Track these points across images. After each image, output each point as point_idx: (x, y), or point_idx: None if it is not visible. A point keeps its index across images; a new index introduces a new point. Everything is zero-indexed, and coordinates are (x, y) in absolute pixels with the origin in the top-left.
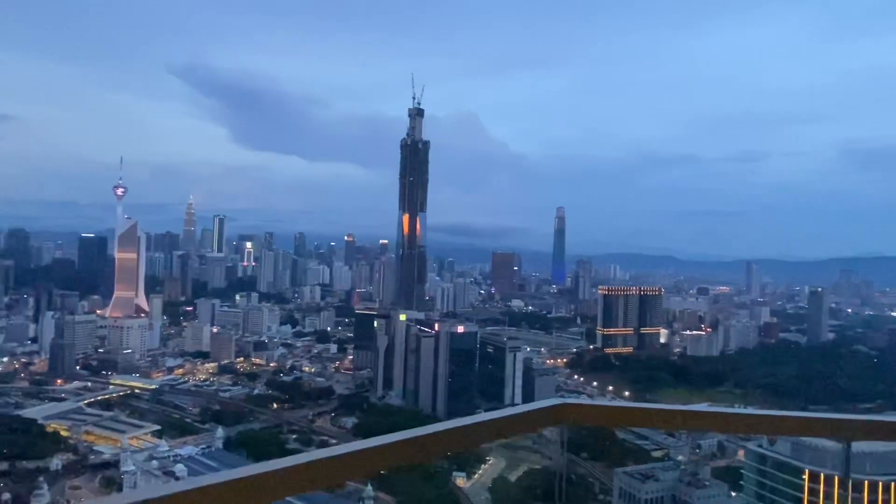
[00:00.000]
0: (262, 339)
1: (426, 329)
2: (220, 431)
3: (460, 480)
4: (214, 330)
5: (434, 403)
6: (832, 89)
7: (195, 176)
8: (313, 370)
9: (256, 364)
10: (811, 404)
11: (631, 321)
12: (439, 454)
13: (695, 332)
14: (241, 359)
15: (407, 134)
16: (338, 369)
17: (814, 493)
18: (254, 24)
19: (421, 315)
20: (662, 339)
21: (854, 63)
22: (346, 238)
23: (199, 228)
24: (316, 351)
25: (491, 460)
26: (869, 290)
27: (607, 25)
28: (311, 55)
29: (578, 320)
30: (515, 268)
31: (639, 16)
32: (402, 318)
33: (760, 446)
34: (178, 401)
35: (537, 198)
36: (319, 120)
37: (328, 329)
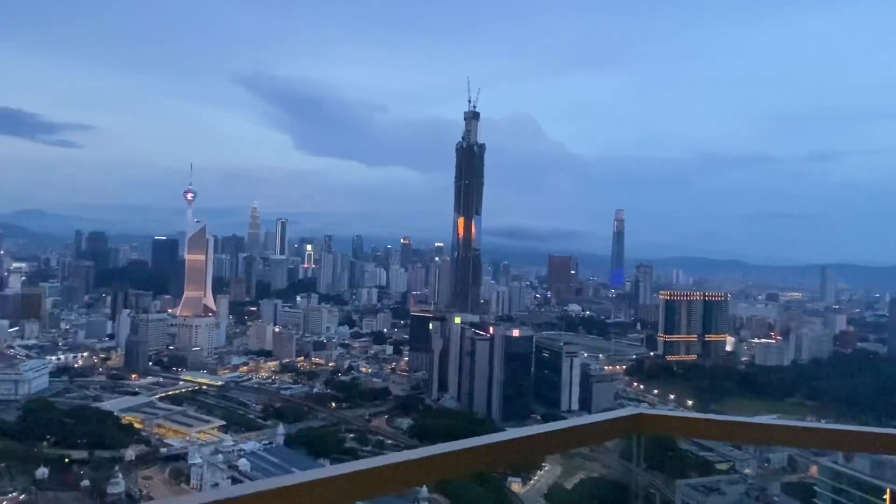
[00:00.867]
0: (321, 339)
1: (481, 332)
2: (281, 428)
3: (515, 486)
4: (277, 329)
5: (489, 407)
6: None
7: (260, 180)
8: (370, 371)
9: (316, 363)
10: (892, 419)
11: (694, 328)
12: (516, 462)
13: (763, 340)
14: (302, 358)
15: (462, 137)
16: (394, 370)
17: None
18: (315, 33)
19: (476, 318)
20: (728, 348)
21: None
22: (402, 241)
23: (262, 231)
24: (372, 352)
25: (547, 466)
26: None
27: (667, 22)
28: (370, 62)
29: (638, 326)
30: (572, 271)
31: (701, 11)
32: (457, 320)
33: (836, 463)
34: (243, 397)
35: (595, 200)
36: (377, 125)
37: (384, 330)
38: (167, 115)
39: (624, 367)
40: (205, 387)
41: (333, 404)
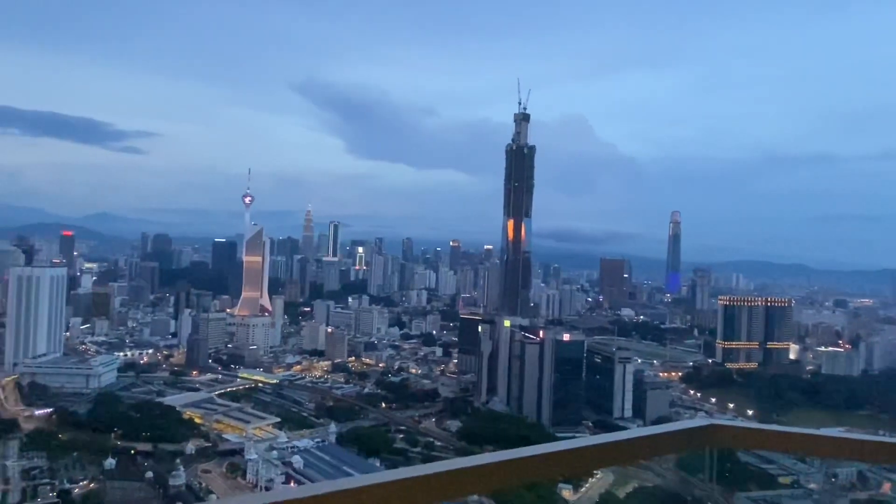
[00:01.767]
0: (371, 339)
1: (531, 336)
2: (333, 427)
3: (566, 492)
4: (329, 330)
5: (539, 411)
6: None
7: (313, 184)
8: (419, 372)
9: (367, 364)
10: None
11: (755, 335)
12: (583, 471)
13: (831, 348)
14: (353, 358)
15: (512, 139)
16: (443, 372)
17: None
18: (367, 39)
19: (525, 321)
20: (792, 356)
21: None
22: (451, 243)
23: (316, 234)
24: (422, 353)
25: (599, 474)
26: None
27: (726, 17)
28: (420, 65)
29: (695, 332)
30: (625, 275)
31: (760, 4)
32: (507, 324)
33: None
34: (297, 395)
35: (649, 202)
36: (427, 128)
37: (433, 332)
38: (227, 122)
39: (680, 374)
40: (261, 384)
41: (383, 404)
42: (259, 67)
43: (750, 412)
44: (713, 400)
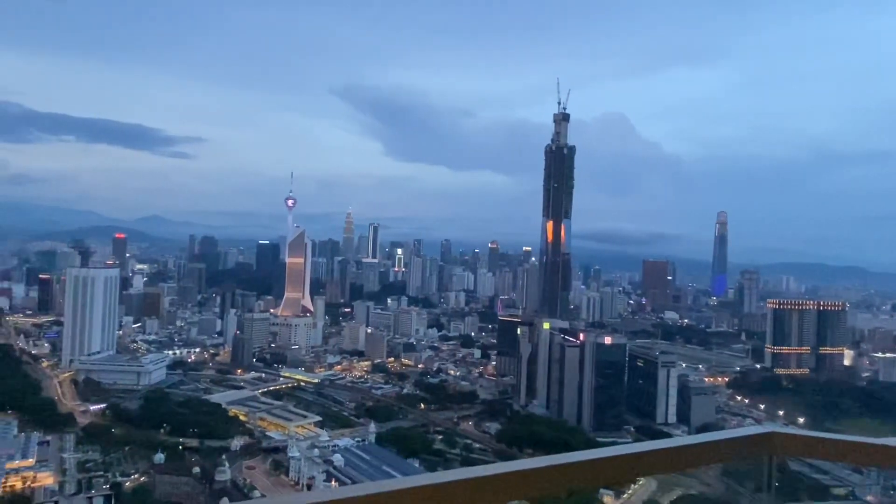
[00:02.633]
0: (410, 341)
1: (571, 338)
2: (373, 426)
3: (608, 498)
4: (369, 331)
5: (579, 415)
6: None
7: (353, 187)
8: (458, 374)
9: (405, 364)
10: None
11: (807, 339)
12: (636, 477)
13: (889, 354)
14: (392, 359)
15: (552, 140)
16: (481, 374)
17: None
18: (405, 42)
19: (565, 324)
20: (847, 362)
21: None
22: (489, 245)
23: (356, 236)
24: (460, 355)
25: (641, 480)
26: None
27: (775, 10)
28: (459, 67)
29: (743, 336)
30: (669, 277)
31: None
32: (546, 326)
33: None
34: (337, 395)
35: (694, 202)
36: (465, 130)
37: (472, 334)
38: (271, 127)
39: (726, 379)
40: (302, 383)
41: (422, 405)
42: (301, 73)
43: (801, 420)
44: (762, 407)
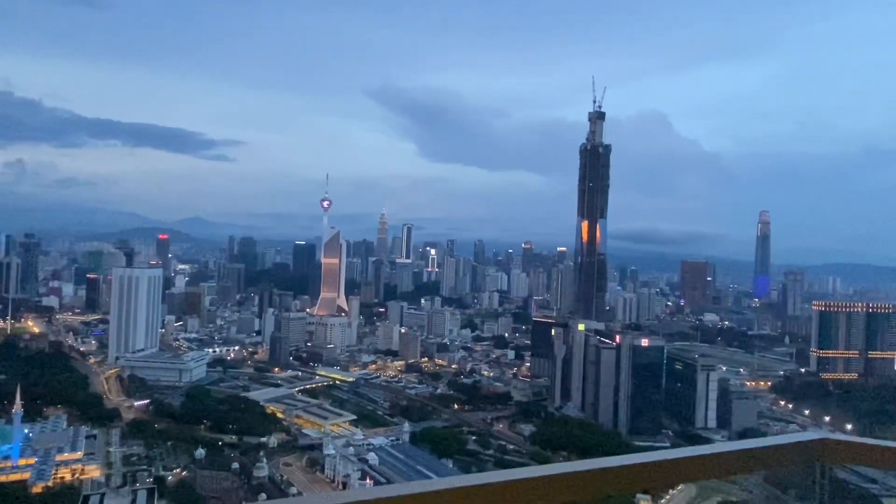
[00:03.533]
0: (444, 341)
1: (606, 340)
2: (406, 426)
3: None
4: (403, 331)
5: (615, 419)
6: None
7: (387, 188)
8: (491, 374)
9: (439, 365)
10: None
11: (855, 343)
12: (679, 482)
13: None
14: (426, 359)
15: (587, 138)
16: (515, 375)
17: None
18: (439, 43)
19: (601, 325)
20: None
21: None
22: (523, 245)
23: (390, 236)
24: (494, 356)
25: (680, 485)
26: None
27: (824, 2)
28: (493, 67)
29: (786, 339)
30: (709, 278)
31: None
32: (581, 327)
33: None
34: (372, 394)
35: (735, 201)
36: (499, 130)
37: (505, 335)
38: (307, 130)
39: (769, 383)
40: (338, 382)
41: (456, 406)
42: (337, 76)
43: (849, 427)
44: (806, 412)
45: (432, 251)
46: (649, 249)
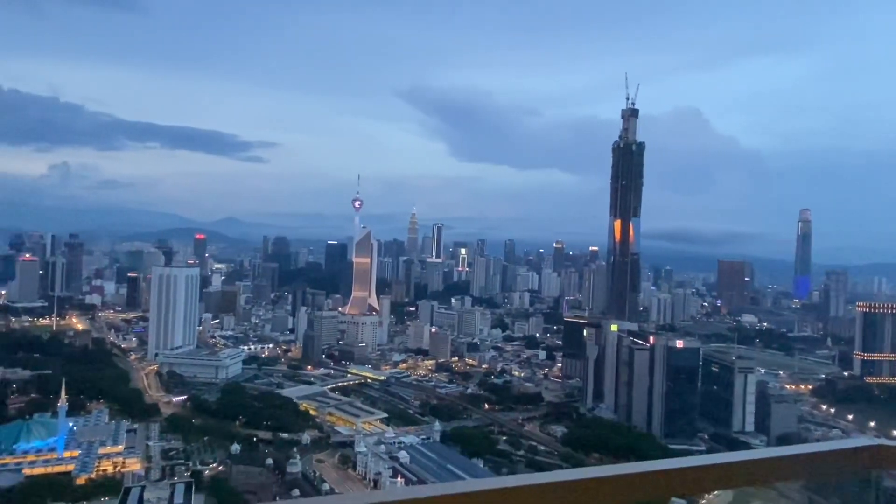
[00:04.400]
0: (474, 340)
1: (640, 341)
2: (437, 425)
3: None
4: (433, 330)
5: (649, 421)
6: None
7: (418, 187)
8: (522, 375)
9: (469, 364)
10: None
11: None
12: (719, 488)
13: None
14: (456, 358)
15: (619, 136)
16: (546, 376)
17: None
18: (469, 43)
19: (634, 326)
20: None
21: None
22: (554, 245)
23: (420, 236)
24: (525, 356)
25: (717, 490)
26: None
27: None
28: (524, 66)
29: (828, 342)
30: (747, 278)
31: None
32: (614, 328)
33: None
34: (402, 392)
35: (774, 199)
36: (530, 129)
37: (536, 335)
38: (339, 131)
39: (810, 386)
40: (369, 380)
41: (486, 405)
42: (367, 77)
43: (895, 433)
44: (850, 417)
45: (463, 251)
46: (685, 249)
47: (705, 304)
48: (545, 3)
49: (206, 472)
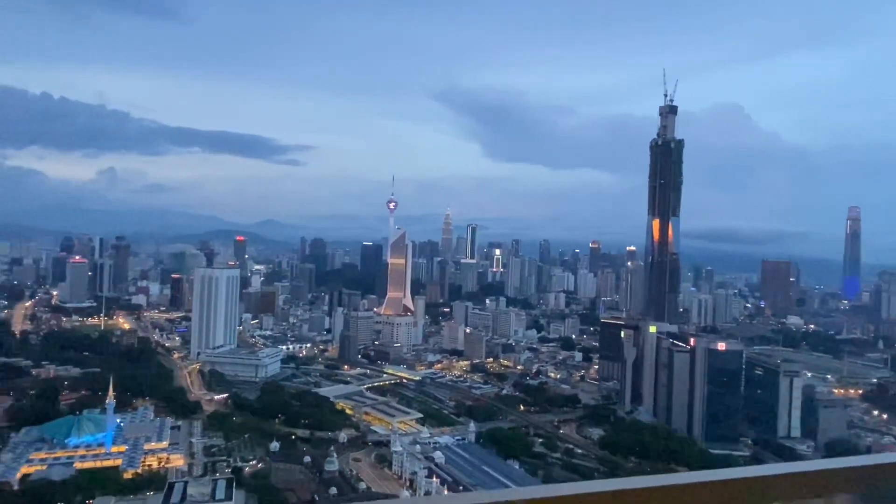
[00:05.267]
0: (509, 341)
1: (680, 343)
2: (472, 425)
3: None
4: (467, 331)
5: (689, 425)
6: None
7: (452, 188)
8: (558, 376)
9: (504, 365)
10: None
11: None
12: (767, 501)
13: None
14: (491, 359)
15: (657, 134)
16: (583, 378)
17: None
18: (502, 42)
19: (673, 328)
20: None
21: None
22: (590, 245)
23: (454, 237)
24: (560, 357)
25: None
26: None
27: None
28: (558, 64)
29: (880, 344)
30: (792, 279)
31: None
32: (652, 329)
33: None
34: (437, 393)
35: (821, 197)
36: (564, 128)
37: (572, 336)
38: (374, 133)
39: (860, 391)
40: (404, 380)
41: (522, 407)
42: (401, 79)
43: None
44: None
45: (497, 251)
46: (727, 249)
47: (748, 305)
48: (578, 1)
49: (247, 468)
